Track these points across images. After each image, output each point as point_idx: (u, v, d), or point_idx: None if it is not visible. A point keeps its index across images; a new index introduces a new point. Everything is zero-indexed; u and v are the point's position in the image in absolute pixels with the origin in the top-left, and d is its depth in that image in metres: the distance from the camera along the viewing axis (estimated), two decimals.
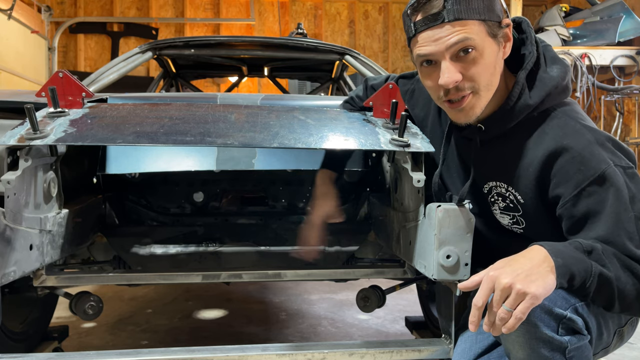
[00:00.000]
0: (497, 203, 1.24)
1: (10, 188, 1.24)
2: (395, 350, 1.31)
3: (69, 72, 1.47)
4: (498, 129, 1.18)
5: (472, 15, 1.05)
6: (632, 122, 5.47)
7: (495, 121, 1.17)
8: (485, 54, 1.08)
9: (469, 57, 1.08)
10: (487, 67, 1.09)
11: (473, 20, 1.06)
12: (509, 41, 1.11)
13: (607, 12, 5.13)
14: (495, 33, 1.08)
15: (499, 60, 1.12)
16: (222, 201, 2.13)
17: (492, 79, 1.12)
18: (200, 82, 6.25)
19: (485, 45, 1.07)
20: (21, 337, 1.87)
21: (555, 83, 1.12)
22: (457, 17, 1.05)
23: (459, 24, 1.06)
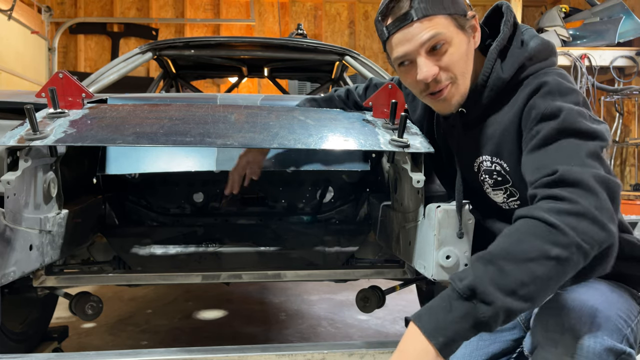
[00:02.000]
0: (486, 181, 1.23)
1: (10, 188, 1.24)
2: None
3: (69, 73, 1.47)
4: (478, 108, 1.20)
5: (438, 10, 1.10)
6: (632, 123, 5.47)
7: (473, 100, 1.20)
8: (456, 45, 1.13)
9: (441, 50, 1.13)
10: (460, 56, 1.14)
11: (440, 15, 1.11)
12: (477, 31, 1.17)
13: (607, 12, 5.13)
14: (462, 24, 1.13)
15: (471, 49, 1.16)
16: (221, 202, 2.14)
17: (466, 67, 1.16)
18: (200, 83, 6.26)
19: (454, 37, 1.12)
20: (21, 338, 1.87)
21: (527, 54, 1.15)
22: (424, 14, 1.10)
23: (427, 21, 1.11)
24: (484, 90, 1.18)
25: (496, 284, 0.87)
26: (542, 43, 1.18)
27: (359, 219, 2.11)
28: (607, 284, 1.11)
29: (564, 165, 0.95)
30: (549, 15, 5.37)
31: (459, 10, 1.13)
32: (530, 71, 1.15)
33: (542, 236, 0.89)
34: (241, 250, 1.90)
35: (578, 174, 0.93)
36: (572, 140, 1.01)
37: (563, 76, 1.14)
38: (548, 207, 0.92)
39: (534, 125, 1.07)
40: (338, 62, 2.88)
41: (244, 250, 1.90)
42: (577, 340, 0.97)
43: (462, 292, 0.88)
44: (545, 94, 1.08)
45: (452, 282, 0.91)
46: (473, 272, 0.90)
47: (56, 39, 6.72)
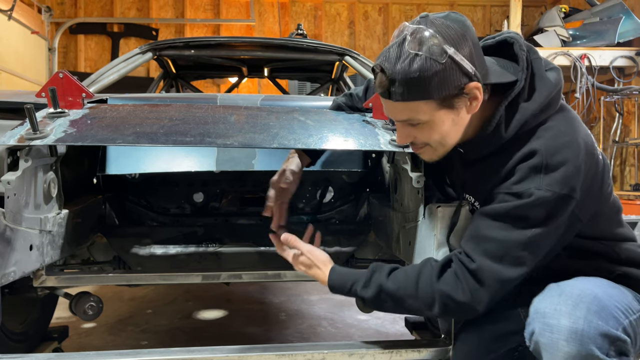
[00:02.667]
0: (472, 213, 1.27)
1: (10, 188, 1.24)
2: (395, 350, 1.31)
3: (69, 73, 1.48)
4: (475, 155, 1.19)
5: (417, 97, 1.05)
6: (632, 123, 5.47)
7: (472, 148, 1.19)
8: (434, 124, 1.10)
9: (416, 127, 1.12)
10: (438, 132, 1.12)
11: (419, 101, 1.06)
12: (475, 99, 1.09)
13: (607, 13, 5.13)
14: (450, 103, 1.08)
15: (460, 120, 1.12)
16: (222, 202, 2.14)
17: (448, 139, 1.14)
18: (200, 83, 6.26)
19: (434, 118, 1.09)
20: (21, 338, 1.87)
21: (532, 111, 1.11)
22: (400, 100, 1.07)
23: (404, 105, 1.08)
24: (483, 144, 1.16)
25: (377, 305, 1.22)
26: (549, 91, 1.13)
27: (359, 219, 2.11)
28: (608, 281, 1.12)
29: (485, 258, 1.10)
30: (549, 16, 5.37)
31: (447, 90, 1.05)
32: (533, 123, 1.12)
33: (428, 304, 1.14)
34: (241, 250, 1.90)
35: (487, 273, 1.09)
36: (513, 226, 1.08)
37: (563, 127, 1.11)
38: (446, 291, 1.12)
39: (503, 192, 1.10)
40: (338, 62, 2.88)
41: (244, 250, 1.90)
42: (572, 325, 1.00)
43: (358, 295, 1.22)
44: (533, 168, 1.08)
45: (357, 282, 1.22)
46: (370, 292, 1.20)
47: (56, 39, 6.72)
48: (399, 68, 1.03)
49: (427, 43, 1.02)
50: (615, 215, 1.23)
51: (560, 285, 1.09)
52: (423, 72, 1.02)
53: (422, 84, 1.03)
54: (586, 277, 1.12)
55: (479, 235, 1.12)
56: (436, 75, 1.03)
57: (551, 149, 1.08)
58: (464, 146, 1.19)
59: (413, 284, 1.15)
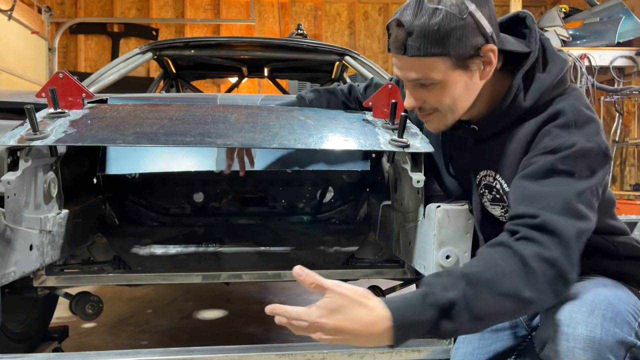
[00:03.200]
0: (485, 195, 1.24)
1: (10, 188, 1.24)
2: (395, 350, 1.31)
3: (69, 73, 1.47)
4: (491, 130, 1.18)
5: (434, 51, 1.03)
6: (632, 123, 5.47)
7: (488, 123, 1.17)
8: (447, 86, 1.08)
9: (428, 88, 1.09)
10: (449, 95, 1.09)
11: (435, 57, 1.04)
12: (490, 64, 1.08)
13: (607, 13, 5.13)
14: (465, 64, 1.06)
15: (473, 84, 1.10)
16: (222, 201, 2.14)
17: (458, 104, 1.11)
18: (201, 83, 6.25)
19: (448, 78, 1.07)
20: (21, 338, 1.87)
21: (549, 82, 1.11)
22: (417, 54, 1.04)
23: (419, 60, 1.05)
24: (502, 116, 1.14)
25: (470, 308, 0.92)
26: (562, 65, 1.13)
27: (359, 219, 2.11)
28: (610, 280, 1.12)
29: (546, 212, 0.99)
30: (549, 15, 5.37)
31: (464, 49, 1.03)
32: (549, 97, 1.11)
33: (521, 277, 0.95)
34: (241, 250, 1.90)
35: (557, 224, 0.98)
36: (564, 180, 1.02)
37: (580, 99, 1.11)
38: (531, 251, 0.96)
39: (540, 153, 1.06)
40: (338, 62, 2.88)
41: (244, 250, 1.90)
42: (589, 334, 0.98)
43: (441, 304, 0.91)
44: (563, 125, 1.06)
45: (432, 286, 0.93)
46: (456, 288, 0.93)
47: (56, 39, 6.72)
48: (418, 21, 1.02)
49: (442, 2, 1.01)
50: (610, 207, 1.22)
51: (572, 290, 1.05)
52: (443, 26, 1.00)
53: (440, 38, 1.01)
54: (591, 278, 1.11)
55: (530, 195, 1.03)
56: (455, 30, 1.01)
57: (575, 107, 1.08)
58: (479, 122, 1.17)
59: (493, 261, 0.96)
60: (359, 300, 0.88)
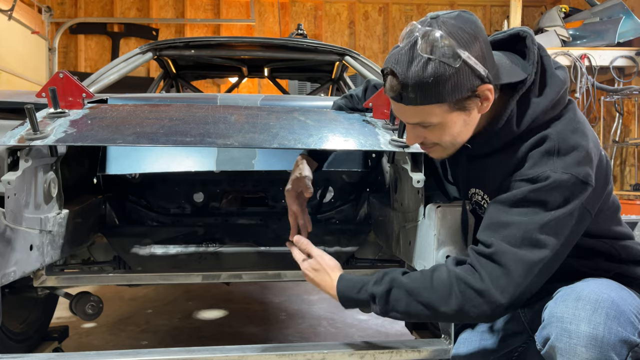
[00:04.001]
0: (476, 210, 1.27)
1: (10, 188, 1.24)
2: (395, 350, 1.31)
3: (69, 73, 1.48)
4: (483, 150, 1.19)
5: (430, 100, 1.04)
6: (632, 123, 5.47)
7: (481, 143, 1.17)
8: (446, 126, 1.10)
9: (428, 128, 1.11)
10: (449, 134, 1.11)
11: (431, 105, 1.05)
12: (487, 100, 1.08)
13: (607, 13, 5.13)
14: (462, 105, 1.07)
15: (471, 120, 1.11)
16: (222, 201, 2.14)
17: (459, 139, 1.13)
18: (201, 83, 6.26)
19: (446, 120, 1.08)
20: (21, 338, 1.87)
21: (543, 107, 1.11)
22: (414, 104, 1.06)
23: (417, 109, 1.07)
24: (494, 139, 1.15)
25: (389, 303, 1.15)
26: (559, 88, 1.12)
27: (359, 219, 2.11)
28: (616, 282, 1.12)
29: (503, 242, 1.06)
30: (549, 16, 5.37)
31: (458, 94, 1.04)
32: (543, 120, 1.11)
33: (442, 297, 1.09)
34: (241, 250, 1.90)
35: (506, 257, 1.06)
36: (532, 210, 1.06)
37: (570, 123, 1.11)
38: (465, 279, 1.08)
39: (518, 180, 1.09)
40: (338, 62, 2.88)
41: (244, 250, 1.90)
42: (592, 332, 0.99)
43: (370, 293, 1.17)
44: (545, 152, 1.07)
45: (372, 278, 1.18)
46: (384, 285, 1.15)
47: (56, 39, 6.72)
48: (411, 72, 1.02)
49: (439, 46, 1.01)
50: (614, 214, 1.23)
51: (575, 289, 1.07)
52: (437, 77, 1.01)
53: (435, 88, 1.02)
54: (597, 280, 1.11)
55: (495, 223, 1.09)
56: (450, 79, 1.02)
57: (562, 134, 1.09)
58: (472, 142, 1.18)
59: (428, 277, 1.11)
60: (327, 270, 1.27)
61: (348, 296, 1.21)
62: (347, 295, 1.21)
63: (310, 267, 1.30)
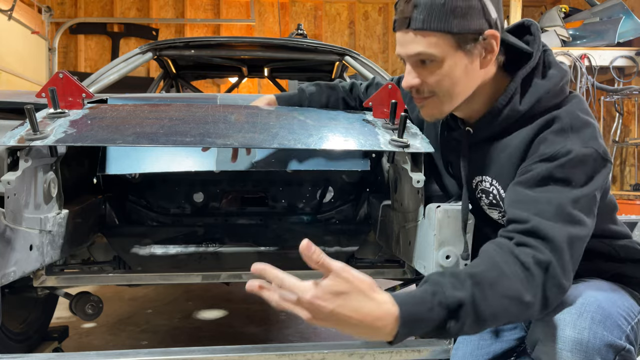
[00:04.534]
0: (482, 199, 1.24)
1: (10, 188, 1.24)
2: (395, 350, 1.31)
3: (69, 73, 1.48)
4: (486, 133, 1.17)
5: (438, 26, 1.03)
6: (632, 123, 5.47)
7: (484, 124, 1.15)
8: (446, 66, 1.07)
9: (429, 66, 1.08)
10: (448, 78, 1.08)
11: (438, 33, 1.03)
12: (491, 52, 1.07)
13: (607, 13, 5.13)
14: (467, 45, 1.05)
15: (473, 70, 1.09)
16: (222, 201, 2.14)
17: (457, 89, 1.10)
18: (201, 83, 6.25)
19: (448, 58, 1.06)
20: (21, 338, 1.87)
21: (547, 88, 1.10)
22: (420, 27, 1.04)
23: (422, 34, 1.05)
24: (497, 118, 1.13)
25: (476, 309, 0.90)
26: (562, 74, 1.13)
27: (359, 219, 2.11)
28: (608, 283, 1.12)
29: (537, 217, 0.99)
30: (549, 16, 5.37)
31: (468, 29, 1.03)
32: (546, 104, 1.10)
33: (522, 280, 0.94)
34: (241, 250, 1.90)
35: (548, 229, 0.97)
36: (560, 187, 1.01)
37: (577, 104, 1.10)
38: (527, 254, 0.96)
39: (537, 161, 1.05)
40: (338, 62, 2.88)
41: (244, 250, 1.90)
42: (577, 336, 0.98)
43: (451, 303, 0.89)
44: (559, 131, 1.05)
45: (440, 285, 0.90)
46: (465, 287, 0.91)
47: (56, 39, 6.72)
48: None
49: None
50: (611, 213, 1.22)
51: None
52: (449, 2, 1.01)
53: (445, 13, 1.02)
54: (587, 282, 1.11)
55: (522, 200, 1.03)
56: (461, 8, 1.02)
57: (571, 112, 1.07)
58: (473, 124, 1.17)
59: (495, 264, 0.95)
60: (366, 292, 0.82)
61: (417, 319, 0.85)
62: (416, 318, 0.85)
63: (329, 292, 0.80)
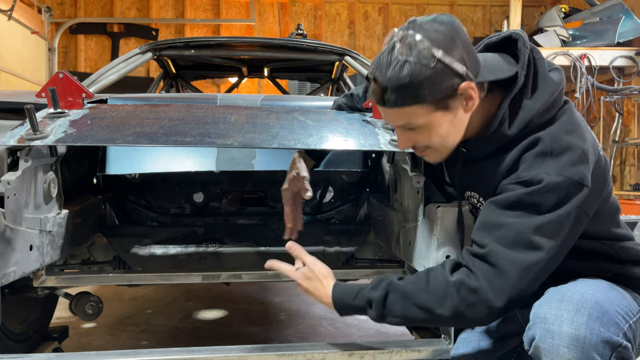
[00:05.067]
0: (473, 212, 1.27)
1: (10, 188, 1.24)
2: (395, 350, 1.31)
3: (69, 73, 1.48)
4: (479, 154, 1.18)
5: (411, 101, 1.06)
6: (632, 123, 5.47)
7: (476, 146, 1.18)
8: (432, 127, 1.10)
9: (415, 131, 1.12)
10: (437, 135, 1.11)
11: (412, 105, 1.06)
12: (471, 99, 1.09)
13: (607, 13, 5.13)
14: (445, 105, 1.07)
15: (459, 120, 1.11)
16: (222, 201, 2.14)
17: (449, 140, 1.13)
18: (200, 83, 6.25)
19: (431, 121, 1.09)
20: (21, 338, 1.87)
21: (536, 109, 1.10)
22: (395, 105, 1.07)
23: (399, 111, 1.08)
24: (488, 141, 1.15)
25: (385, 307, 1.14)
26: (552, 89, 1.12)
27: (359, 219, 2.11)
28: (608, 282, 1.12)
29: (496, 244, 1.06)
30: (549, 16, 5.37)
31: (440, 94, 1.05)
32: (537, 123, 1.11)
33: (439, 297, 1.09)
34: (241, 250, 1.90)
35: (499, 257, 1.06)
36: (526, 213, 1.06)
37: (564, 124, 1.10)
38: (460, 278, 1.08)
39: (513, 182, 1.08)
40: (338, 62, 2.88)
41: (244, 250, 1.90)
42: (574, 332, 0.99)
43: (367, 298, 1.16)
44: (539, 154, 1.07)
45: (369, 284, 1.17)
46: (380, 290, 1.14)
47: (56, 39, 6.72)
48: (389, 75, 1.04)
49: (415, 48, 1.03)
50: (614, 215, 1.22)
51: (560, 289, 1.08)
52: (413, 78, 1.03)
53: (413, 89, 1.04)
54: (586, 280, 1.11)
55: (489, 223, 1.09)
56: (427, 79, 1.03)
57: (555, 134, 1.08)
58: (467, 145, 1.18)
59: (423, 279, 1.12)
60: (320, 278, 1.24)
61: (344, 302, 1.20)
62: (344, 302, 1.20)
63: (302, 275, 1.27)
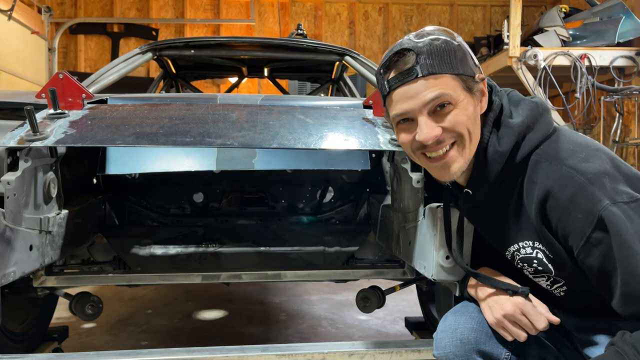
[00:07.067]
0: (525, 269, 1.15)
1: (10, 189, 1.24)
2: (395, 350, 1.31)
3: (69, 74, 1.48)
4: (482, 191, 1.12)
5: (446, 69, 1.02)
6: (632, 123, 5.47)
7: (477, 180, 1.12)
8: (462, 107, 1.04)
9: (445, 110, 1.04)
10: (466, 116, 1.05)
11: (447, 75, 1.03)
12: (485, 96, 1.08)
13: (607, 13, 5.13)
14: (470, 87, 1.05)
15: (477, 114, 1.08)
16: (222, 202, 2.14)
17: (474, 129, 1.07)
18: (200, 83, 6.25)
19: (461, 99, 1.04)
20: (21, 338, 1.87)
21: (520, 124, 1.07)
22: (430, 72, 1.02)
23: (433, 79, 1.02)
24: (487, 166, 1.09)
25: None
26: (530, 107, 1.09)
27: (359, 219, 2.11)
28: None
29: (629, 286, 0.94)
30: (549, 16, 5.36)
31: (467, 72, 1.04)
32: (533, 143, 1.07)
33: None
34: (241, 250, 1.90)
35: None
36: (625, 248, 0.95)
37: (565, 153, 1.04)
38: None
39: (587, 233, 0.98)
40: (338, 62, 2.88)
41: (244, 250, 1.90)
42: None
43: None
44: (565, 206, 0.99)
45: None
46: None
47: (56, 39, 6.72)
48: (422, 43, 1.04)
49: (436, 33, 1.06)
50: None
51: None
52: (447, 45, 1.04)
53: (448, 56, 1.03)
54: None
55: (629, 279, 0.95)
56: (456, 51, 1.05)
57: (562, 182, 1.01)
58: (470, 185, 1.13)
59: None
60: None
61: None
62: None
63: None
